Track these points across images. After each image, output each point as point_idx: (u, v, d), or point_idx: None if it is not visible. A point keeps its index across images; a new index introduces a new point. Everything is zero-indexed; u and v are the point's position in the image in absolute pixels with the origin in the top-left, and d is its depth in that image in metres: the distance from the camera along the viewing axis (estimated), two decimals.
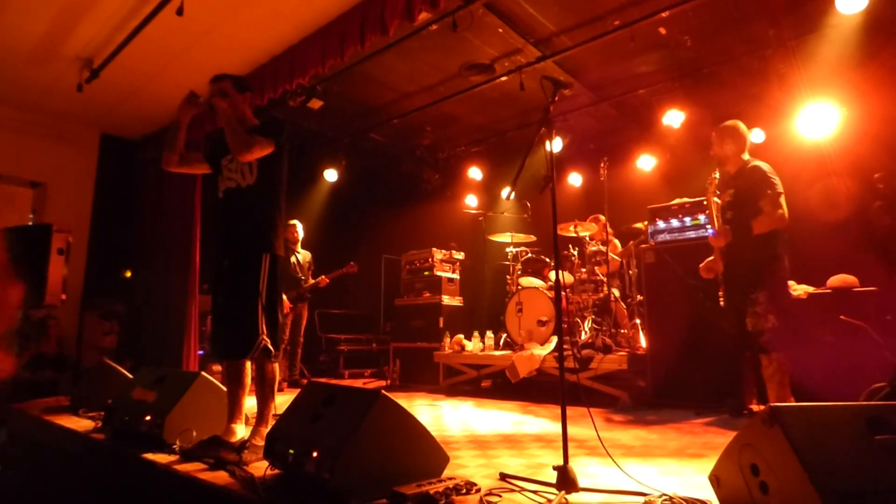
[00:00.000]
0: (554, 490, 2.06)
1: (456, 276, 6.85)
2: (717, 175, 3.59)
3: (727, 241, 3.44)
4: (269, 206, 2.82)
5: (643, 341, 5.05)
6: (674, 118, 5.83)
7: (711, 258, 3.63)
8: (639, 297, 5.36)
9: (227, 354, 2.80)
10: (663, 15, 4.59)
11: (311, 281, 6.32)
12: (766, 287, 3.37)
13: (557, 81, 2.31)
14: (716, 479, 1.98)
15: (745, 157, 3.65)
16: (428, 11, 4.04)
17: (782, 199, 3.39)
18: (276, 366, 2.81)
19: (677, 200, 4.78)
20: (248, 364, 2.82)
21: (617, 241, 6.20)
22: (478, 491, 2.09)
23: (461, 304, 6.71)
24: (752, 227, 3.35)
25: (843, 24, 4.77)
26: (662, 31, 4.96)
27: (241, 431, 2.73)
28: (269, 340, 2.68)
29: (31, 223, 6.29)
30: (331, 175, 7.69)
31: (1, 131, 6.07)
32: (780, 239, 3.45)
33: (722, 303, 3.53)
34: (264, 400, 2.77)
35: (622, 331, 5.48)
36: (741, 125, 3.71)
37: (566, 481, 2.04)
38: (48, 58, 5.12)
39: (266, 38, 4.79)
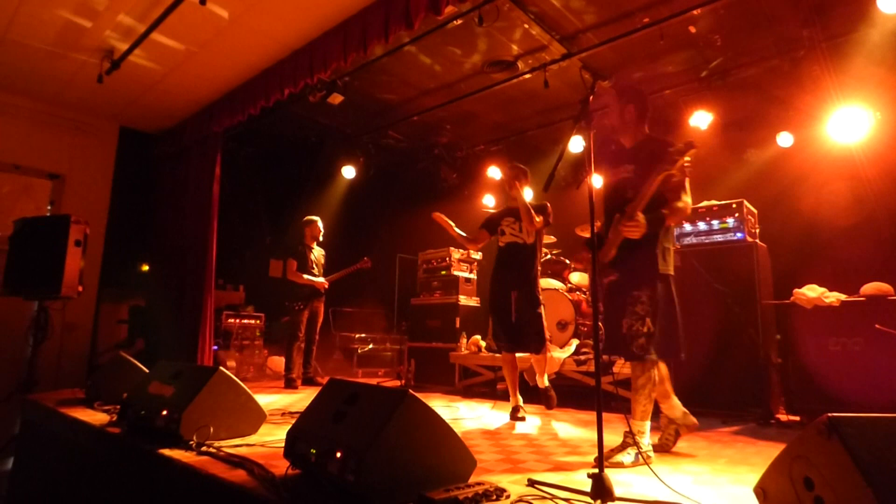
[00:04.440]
0: (588, 499, 1.96)
1: (473, 276, 6.75)
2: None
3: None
4: (539, 258, 4.30)
5: None
6: (701, 119, 5.67)
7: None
8: None
9: (528, 350, 4.21)
10: (695, 13, 4.46)
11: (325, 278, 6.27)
12: (653, 285, 2.78)
13: (596, 72, 2.21)
14: (762, 492, 1.87)
15: (646, 129, 2.99)
16: (454, 5, 3.97)
17: (688, 185, 2.78)
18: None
19: (705, 203, 4.67)
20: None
21: None
22: (507, 497, 2.00)
23: (478, 305, 6.60)
24: (664, 218, 2.75)
25: (881, 24, 4.63)
26: (692, 29, 4.83)
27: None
28: (549, 341, 4.31)
29: (48, 215, 6.28)
30: (349, 172, 7.65)
31: (21, 123, 6.06)
32: (670, 231, 2.90)
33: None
34: (542, 371, 4.48)
35: None
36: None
37: (602, 490, 1.93)
38: (69, 49, 5.08)
39: (288, 30, 4.71)
